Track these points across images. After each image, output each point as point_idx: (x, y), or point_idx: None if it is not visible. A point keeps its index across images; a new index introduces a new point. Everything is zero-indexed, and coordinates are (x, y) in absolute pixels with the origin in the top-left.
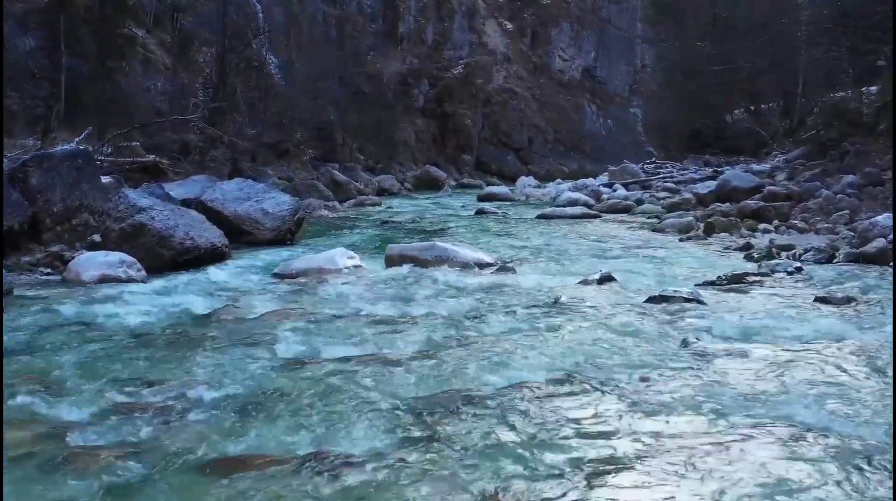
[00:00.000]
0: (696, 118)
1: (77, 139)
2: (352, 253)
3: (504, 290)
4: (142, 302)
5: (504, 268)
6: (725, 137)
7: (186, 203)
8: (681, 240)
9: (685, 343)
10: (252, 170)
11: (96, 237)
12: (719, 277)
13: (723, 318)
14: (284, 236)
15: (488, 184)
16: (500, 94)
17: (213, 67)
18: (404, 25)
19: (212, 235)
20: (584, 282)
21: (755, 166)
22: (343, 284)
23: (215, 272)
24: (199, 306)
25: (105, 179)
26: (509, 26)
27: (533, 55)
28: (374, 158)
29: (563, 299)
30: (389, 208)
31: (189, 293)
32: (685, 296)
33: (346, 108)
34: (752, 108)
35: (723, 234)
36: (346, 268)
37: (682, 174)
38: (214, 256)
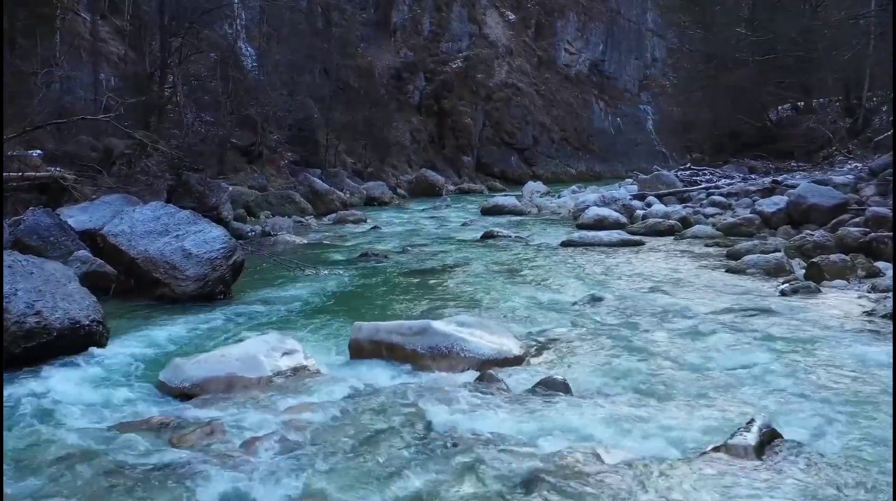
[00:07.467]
0: (730, 116)
1: None
2: (291, 344)
3: (568, 488)
4: None
5: (551, 384)
6: (770, 137)
7: (88, 236)
8: (783, 294)
9: None
10: (201, 183)
11: None
12: None
13: None
14: (214, 288)
15: (491, 189)
16: (503, 89)
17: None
18: (398, 14)
19: (74, 305)
20: (731, 451)
21: (834, 178)
22: (254, 447)
23: (60, 384)
24: None
25: None
26: (512, 17)
27: (537, 48)
28: (363, 162)
29: None
30: (375, 227)
31: None
32: None
33: (330, 104)
34: (803, 104)
35: (837, 281)
36: (280, 374)
37: (729, 184)
38: (78, 340)
